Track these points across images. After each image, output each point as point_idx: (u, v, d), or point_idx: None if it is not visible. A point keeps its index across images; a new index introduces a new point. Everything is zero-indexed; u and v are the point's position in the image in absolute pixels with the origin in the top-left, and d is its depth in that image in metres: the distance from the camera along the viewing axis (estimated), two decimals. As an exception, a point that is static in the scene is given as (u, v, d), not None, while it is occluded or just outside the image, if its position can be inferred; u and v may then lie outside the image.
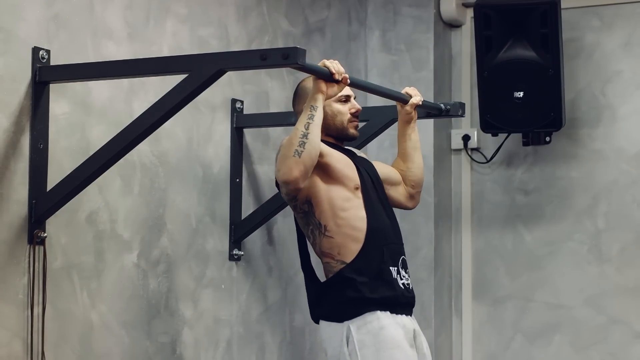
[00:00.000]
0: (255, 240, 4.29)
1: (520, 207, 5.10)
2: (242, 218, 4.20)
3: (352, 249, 3.47)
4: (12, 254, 3.20)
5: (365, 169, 3.65)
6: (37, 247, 3.26)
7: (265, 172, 4.37)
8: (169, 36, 3.88)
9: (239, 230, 4.18)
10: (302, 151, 3.32)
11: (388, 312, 3.46)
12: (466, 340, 5.14)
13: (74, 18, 3.44)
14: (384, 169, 3.81)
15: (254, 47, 4.29)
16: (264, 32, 4.39)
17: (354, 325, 3.44)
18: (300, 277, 4.46)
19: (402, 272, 3.54)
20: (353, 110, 3.64)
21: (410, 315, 3.58)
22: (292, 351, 4.48)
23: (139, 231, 3.71)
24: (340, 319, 3.46)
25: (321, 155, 3.47)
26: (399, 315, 3.51)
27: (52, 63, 3.32)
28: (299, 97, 3.65)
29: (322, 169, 3.49)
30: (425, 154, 4.99)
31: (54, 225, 3.33)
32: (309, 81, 3.56)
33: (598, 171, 4.98)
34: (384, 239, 3.53)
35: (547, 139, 4.92)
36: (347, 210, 3.49)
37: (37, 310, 3.25)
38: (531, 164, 5.09)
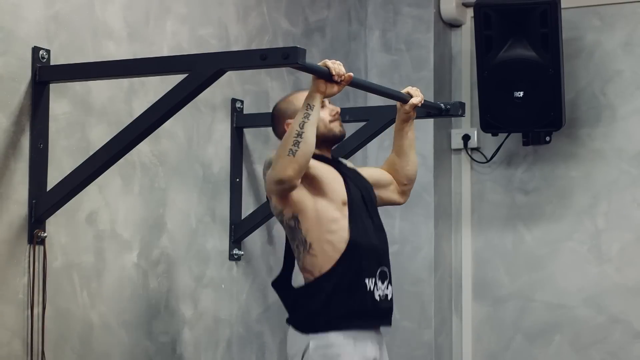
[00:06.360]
0: (255, 240, 4.29)
1: (520, 206, 5.10)
2: (242, 218, 4.20)
3: (330, 265, 3.45)
4: (12, 253, 3.20)
5: (354, 182, 3.61)
6: (37, 247, 3.26)
7: (265, 172, 4.37)
8: (169, 36, 3.88)
9: (239, 230, 4.17)
10: (296, 150, 3.30)
11: (352, 340, 3.43)
12: (466, 340, 5.14)
13: (74, 18, 3.44)
14: (372, 173, 3.79)
15: (254, 47, 4.29)
16: (264, 32, 4.39)
17: (314, 343, 3.43)
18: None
19: (380, 284, 3.51)
20: (333, 113, 3.59)
21: (388, 325, 3.57)
22: (292, 351, 4.48)
23: (139, 231, 3.71)
24: (304, 330, 3.46)
25: (308, 167, 3.45)
26: (367, 332, 3.49)
27: (52, 63, 3.32)
28: (277, 120, 3.60)
29: (310, 182, 3.46)
30: (425, 153, 5.02)
31: (54, 225, 3.33)
32: (285, 102, 3.57)
33: (598, 171, 4.97)
34: (364, 253, 3.49)
35: (547, 138, 4.92)
36: (333, 232, 3.46)
37: (37, 310, 3.25)
38: (531, 163, 5.09)
